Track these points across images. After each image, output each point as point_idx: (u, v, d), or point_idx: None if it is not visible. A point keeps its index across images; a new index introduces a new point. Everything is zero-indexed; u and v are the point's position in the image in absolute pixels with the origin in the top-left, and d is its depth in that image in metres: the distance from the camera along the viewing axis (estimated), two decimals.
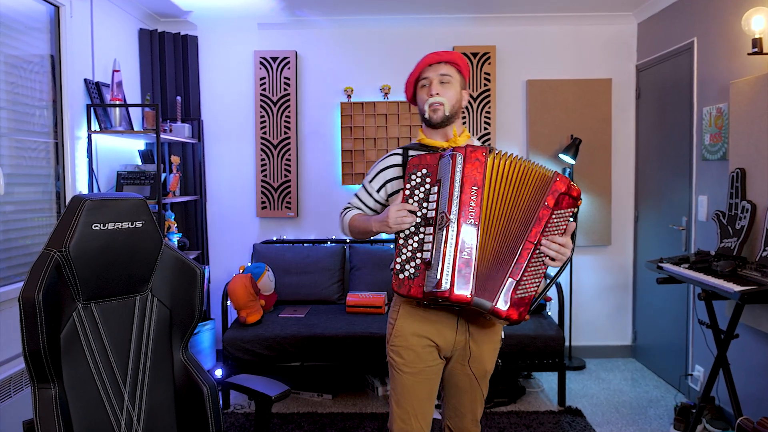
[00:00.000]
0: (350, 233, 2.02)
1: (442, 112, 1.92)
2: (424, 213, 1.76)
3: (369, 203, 2.02)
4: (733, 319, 2.71)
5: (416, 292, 1.74)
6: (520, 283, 1.72)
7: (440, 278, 1.67)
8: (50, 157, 3.18)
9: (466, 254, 1.69)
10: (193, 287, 1.85)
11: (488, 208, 1.73)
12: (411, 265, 1.76)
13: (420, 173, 1.79)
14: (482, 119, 4.39)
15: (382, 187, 1.99)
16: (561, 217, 1.74)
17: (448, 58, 1.95)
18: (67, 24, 3.22)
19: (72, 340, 1.62)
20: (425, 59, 1.97)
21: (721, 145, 3.28)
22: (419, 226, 1.77)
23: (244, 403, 3.65)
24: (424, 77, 1.96)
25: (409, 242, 1.77)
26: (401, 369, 1.91)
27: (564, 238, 1.75)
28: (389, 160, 2.00)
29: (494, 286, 1.71)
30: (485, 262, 1.72)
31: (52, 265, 1.55)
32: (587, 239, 4.41)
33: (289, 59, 4.38)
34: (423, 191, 1.78)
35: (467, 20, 4.39)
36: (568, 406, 3.58)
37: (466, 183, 1.71)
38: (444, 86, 1.93)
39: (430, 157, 1.79)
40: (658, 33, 4.11)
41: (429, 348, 1.90)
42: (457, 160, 1.73)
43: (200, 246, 4.37)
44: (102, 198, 1.66)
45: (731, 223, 2.96)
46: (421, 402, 1.92)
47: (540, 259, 1.73)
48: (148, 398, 1.76)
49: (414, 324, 1.90)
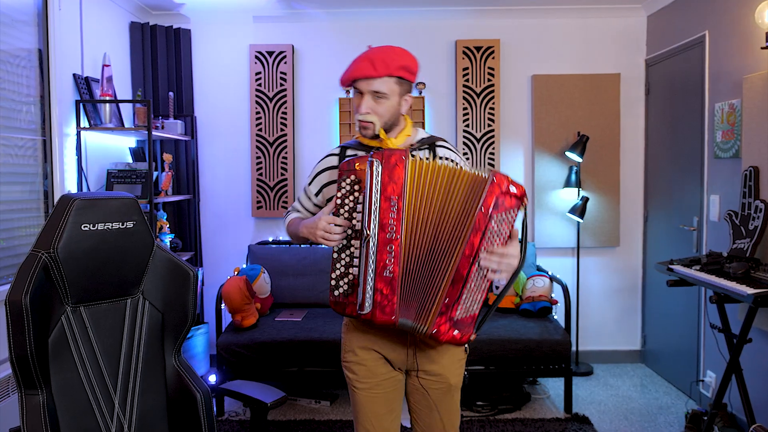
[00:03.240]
0: (290, 237, 1.96)
1: (372, 131, 1.77)
2: (354, 224, 1.67)
3: (308, 206, 1.97)
4: (746, 323, 2.71)
5: (350, 311, 1.68)
6: (459, 302, 1.60)
7: (362, 300, 1.62)
8: (38, 155, 3.18)
9: (388, 273, 1.61)
10: (186, 290, 1.85)
11: (412, 219, 1.63)
12: (344, 282, 1.68)
13: (349, 180, 1.68)
14: (486, 115, 4.39)
15: (320, 191, 1.93)
16: (502, 221, 1.59)
17: (386, 73, 1.72)
18: (55, 17, 3.22)
19: (60, 345, 1.62)
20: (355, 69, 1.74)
21: (733, 142, 3.28)
22: (350, 239, 1.68)
23: (238, 410, 3.65)
24: (356, 87, 1.77)
25: (342, 256, 1.69)
26: (355, 386, 1.87)
27: (508, 247, 1.61)
28: (326, 161, 1.92)
29: (425, 306, 1.63)
30: (411, 280, 1.64)
31: (39, 267, 1.55)
32: (595, 240, 4.42)
33: (285, 53, 4.38)
34: (352, 200, 1.68)
35: (470, 13, 4.39)
36: (575, 413, 3.58)
37: (384, 192, 1.61)
38: (377, 103, 1.75)
39: (359, 161, 1.67)
40: (668, 26, 4.11)
41: (380, 360, 1.85)
42: (374, 168, 1.62)
43: (193, 247, 4.37)
44: (91, 197, 1.66)
45: (744, 224, 2.96)
46: (380, 418, 1.86)
47: (481, 272, 1.60)
48: (139, 405, 1.76)
49: (364, 337, 1.84)
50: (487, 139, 4.40)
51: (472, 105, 4.39)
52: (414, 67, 1.79)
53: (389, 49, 1.77)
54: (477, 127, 4.40)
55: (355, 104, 1.79)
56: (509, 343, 3.51)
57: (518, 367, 3.54)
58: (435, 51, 4.43)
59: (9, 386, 2.67)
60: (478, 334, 1.74)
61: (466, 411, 3.56)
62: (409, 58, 1.77)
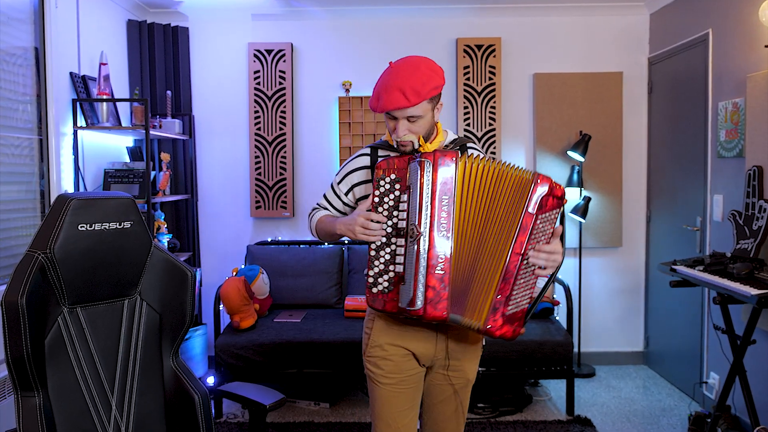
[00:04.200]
0: (317, 234, 2.01)
1: (411, 147, 1.84)
2: (395, 223, 1.72)
3: (337, 206, 2.00)
4: (750, 324, 2.71)
5: (391, 307, 1.72)
6: (510, 298, 1.70)
7: (413, 297, 1.66)
8: (34, 154, 3.18)
9: (440, 269, 1.66)
10: (183, 291, 1.85)
11: (462, 218, 1.70)
12: (384, 279, 1.73)
13: (389, 179, 1.74)
14: (487, 115, 4.39)
15: (350, 190, 1.98)
16: (546, 221, 1.71)
17: (419, 101, 1.75)
18: (51, 14, 3.22)
19: (57, 346, 1.62)
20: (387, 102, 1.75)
21: (737, 141, 3.28)
22: (390, 236, 1.73)
23: (237, 413, 3.65)
24: (390, 114, 1.81)
25: (381, 254, 1.74)
26: (379, 381, 1.89)
27: (552, 244, 1.72)
28: (357, 161, 1.97)
29: (477, 302, 1.70)
30: (462, 277, 1.70)
31: (36, 268, 1.55)
32: (597, 240, 4.42)
33: (284, 52, 4.38)
34: (393, 198, 1.73)
35: (471, 11, 4.39)
36: (577, 415, 3.58)
37: (435, 192, 1.67)
38: (413, 124, 1.81)
39: (398, 160, 1.74)
40: (671, 24, 4.11)
41: (407, 356, 1.89)
42: (425, 168, 1.68)
43: (191, 247, 4.37)
44: (88, 197, 1.66)
45: (748, 224, 2.96)
46: (403, 414, 1.90)
47: (529, 268, 1.71)
48: (136, 407, 1.76)
49: (392, 333, 1.88)
50: (488, 138, 4.40)
51: (473, 104, 4.39)
52: (442, 80, 1.81)
53: (415, 73, 1.75)
54: (478, 126, 4.40)
55: (390, 127, 1.85)
56: (511, 344, 3.51)
57: (520, 369, 3.54)
58: (435, 49, 4.43)
59: (5, 388, 2.67)
60: None
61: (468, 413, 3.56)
62: (436, 76, 1.79)
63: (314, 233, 2.03)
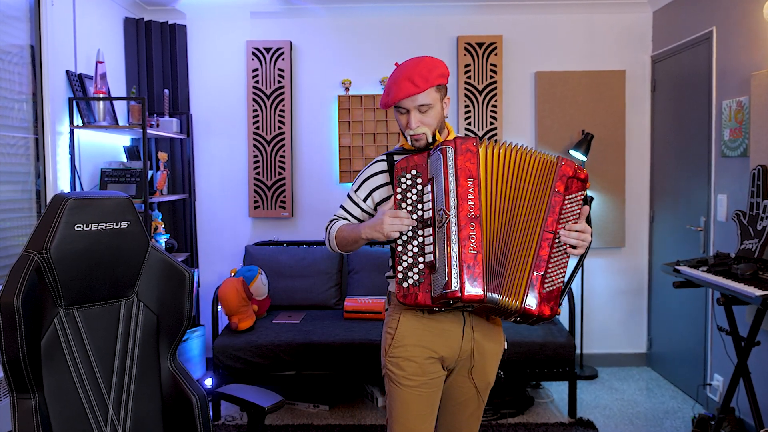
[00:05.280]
0: (337, 245, 1.97)
1: (425, 140, 1.89)
2: (421, 215, 1.75)
3: (356, 213, 2.00)
4: (754, 326, 2.71)
5: (423, 298, 1.72)
6: (546, 275, 1.72)
7: (449, 279, 1.65)
8: (30, 153, 3.18)
9: (472, 249, 1.68)
10: (181, 292, 1.85)
11: (489, 199, 1.73)
12: (414, 272, 1.74)
13: (410, 175, 1.78)
14: (488, 113, 4.39)
15: (368, 195, 1.97)
16: (573, 202, 1.76)
17: (427, 86, 1.83)
18: (47, 12, 3.22)
19: (53, 348, 1.62)
20: (398, 91, 1.84)
21: (741, 140, 3.28)
22: (417, 229, 1.75)
23: (235, 415, 3.65)
24: (401, 106, 1.87)
25: (408, 248, 1.75)
26: (401, 382, 1.88)
27: (581, 224, 1.77)
28: (374, 167, 1.99)
29: (513, 279, 1.72)
30: (496, 256, 1.72)
31: (32, 268, 1.55)
32: (600, 241, 4.41)
33: (283, 50, 4.38)
34: (415, 192, 1.77)
35: (472, 8, 4.39)
36: (579, 417, 3.58)
37: (461, 176, 1.71)
38: (424, 114, 1.86)
39: (417, 157, 1.79)
40: (674, 22, 4.11)
41: (432, 359, 1.88)
42: (447, 154, 1.73)
43: (189, 248, 4.37)
44: (85, 197, 1.66)
45: (752, 224, 2.96)
46: (422, 418, 1.89)
47: (561, 248, 1.75)
48: (133, 409, 1.76)
49: (416, 333, 1.87)
50: (489, 137, 4.39)
51: (474, 102, 4.39)
52: (447, 70, 1.90)
53: (420, 63, 1.86)
54: (479, 125, 4.40)
55: (402, 123, 1.89)
56: (512, 345, 3.50)
57: (521, 371, 3.54)
58: (436, 47, 4.43)
59: (0, 390, 2.67)
60: None
61: None
62: (441, 65, 1.88)
63: (333, 245, 1.98)
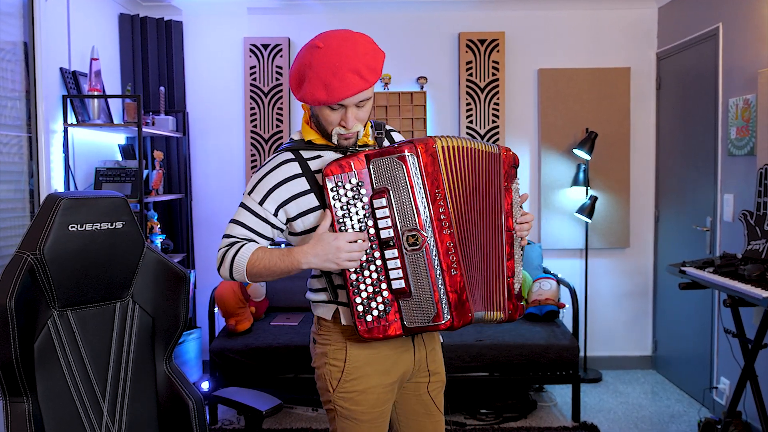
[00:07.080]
0: (248, 275, 1.63)
1: (355, 139, 1.65)
2: (374, 233, 1.54)
3: (264, 231, 1.68)
4: (762, 328, 2.71)
5: (395, 329, 1.55)
6: (514, 276, 1.70)
7: (438, 311, 1.53)
8: (23, 152, 3.18)
9: (454, 270, 1.55)
10: (177, 293, 1.85)
11: (456, 208, 1.58)
12: (378, 302, 1.54)
13: (349, 185, 1.54)
14: (490, 111, 4.39)
15: (279, 208, 1.65)
16: (515, 191, 1.73)
17: (376, 79, 1.57)
18: (41, 8, 3.22)
19: (47, 350, 1.62)
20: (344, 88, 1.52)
21: (748, 139, 3.28)
22: (373, 251, 1.55)
23: (232, 419, 3.65)
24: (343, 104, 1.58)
25: (365, 274, 1.55)
26: (357, 418, 1.66)
27: (525, 213, 1.76)
28: (282, 171, 1.66)
29: (492, 291, 1.66)
30: (474, 270, 1.62)
31: (25, 269, 1.55)
32: (604, 241, 4.42)
33: (281, 46, 4.38)
34: (362, 207, 1.54)
35: (474, 4, 4.39)
36: (583, 421, 3.58)
37: (427, 187, 1.53)
38: (360, 109, 1.60)
39: (353, 160, 1.54)
40: (680, 18, 4.11)
41: (392, 385, 1.70)
42: (408, 162, 1.52)
43: (185, 249, 4.37)
44: (79, 197, 1.66)
45: (759, 224, 2.96)
46: None
47: (518, 242, 1.73)
48: (128, 413, 1.76)
49: (370, 359, 1.66)
50: (491, 135, 4.40)
51: (476, 100, 4.39)
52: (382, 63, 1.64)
53: (360, 48, 1.55)
54: (481, 123, 4.40)
55: (333, 119, 1.60)
56: (514, 348, 3.51)
57: (524, 374, 3.54)
58: (437, 44, 4.43)
59: None
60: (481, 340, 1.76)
61: (470, 419, 3.57)
62: (378, 48, 1.62)
63: (240, 275, 1.63)
